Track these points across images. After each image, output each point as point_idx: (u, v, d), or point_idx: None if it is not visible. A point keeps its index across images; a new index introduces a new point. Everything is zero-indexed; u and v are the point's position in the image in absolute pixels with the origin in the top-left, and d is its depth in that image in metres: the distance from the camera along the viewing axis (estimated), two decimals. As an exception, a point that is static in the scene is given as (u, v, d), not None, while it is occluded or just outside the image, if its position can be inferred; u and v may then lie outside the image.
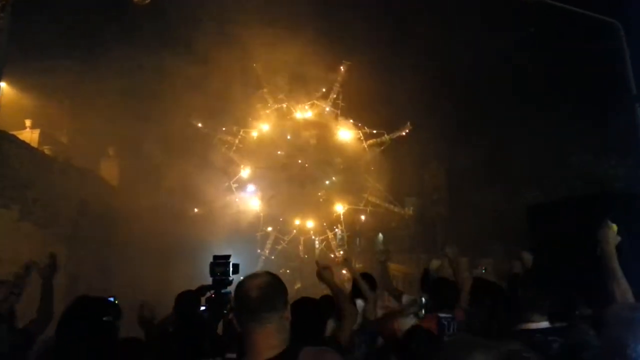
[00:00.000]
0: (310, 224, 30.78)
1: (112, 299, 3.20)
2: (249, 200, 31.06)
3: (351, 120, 32.12)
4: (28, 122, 22.41)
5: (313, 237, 30.81)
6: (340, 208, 31.03)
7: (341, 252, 29.05)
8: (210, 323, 3.58)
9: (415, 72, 29.12)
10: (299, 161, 31.17)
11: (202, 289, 4.01)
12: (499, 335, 3.44)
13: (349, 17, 28.25)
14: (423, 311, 4.79)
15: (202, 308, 3.93)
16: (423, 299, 5.21)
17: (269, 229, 30.63)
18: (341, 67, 31.48)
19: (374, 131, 31.67)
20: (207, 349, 3.28)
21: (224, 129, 31.10)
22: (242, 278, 2.27)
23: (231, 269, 3.85)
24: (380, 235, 33.14)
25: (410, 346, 2.73)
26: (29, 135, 21.86)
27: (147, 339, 3.08)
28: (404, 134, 31.47)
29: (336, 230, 30.76)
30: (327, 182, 31.59)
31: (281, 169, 30.60)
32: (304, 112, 32.22)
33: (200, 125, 30.27)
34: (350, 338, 3.59)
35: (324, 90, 32.02)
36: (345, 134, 32.15)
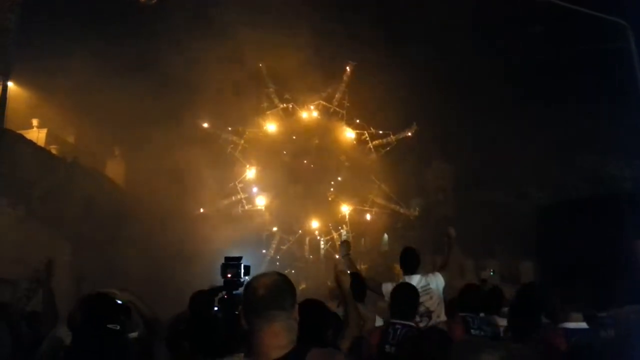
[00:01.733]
0: (315, 224, 30.77)
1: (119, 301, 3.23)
2: (255, 200, 31.08)
3: (357, 121, 32.11)
4: (35, 122, 22.54)
5: (318, 237, 30.80)
6: (345, 208, 31.01)
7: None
8: (223, 324, 3.61)
9: (422, 72, 29.12)
10: (305, 161, 31.18)
11: (215, 289, 4.04)
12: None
13: (355, 17, 28.28)
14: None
15: (215, 309, 3.96)
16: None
17: (274, 229, 30.64)
18: (347, 68, 31.44)
19: (380, 132, 31.65)
20: (218, 349, 3.30)
21: (229, 128, 31.14)
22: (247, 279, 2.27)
23: (242, 270, 3.87)
24: (386, 235, 33.10)
25: (422, 346, 2.73)
26: (36, 134, 21.99)
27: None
28: (409, 134, 31.43)
29: (341, 230, 30.74)
30: (332, 183, 31.57)
31: (287, 169, 30.60)
32: (309, 113, 32.22)
33: (206, 125, 30.30)
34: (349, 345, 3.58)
35: (329, 90, 31.99)
36: (351, 134, 32.15)
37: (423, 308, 5.01)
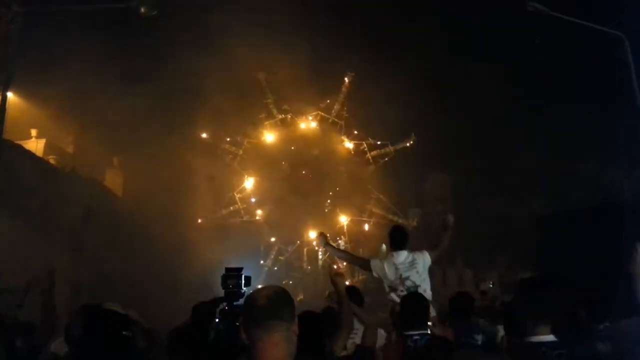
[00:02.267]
0: (313, 234, 30.71)
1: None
2: (253, 211, 31.05)
3: (355, 132, 32.19)
4: (34, 132, 22.52)
5: (316, 247, 30.72)
6: (344, 219, 30.99)
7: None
8: (224, 334, 3.62)
9: (420, 82, 29.26)
10: (303, 172, 31.20)
11: (217, 300, 4.06)
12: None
13: (353, 28, 28.46)
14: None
15: (216, 320, 3.98)
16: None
17: (273, 239, 30.58)
18: (345, 79, 31.56)
19: (378, 142, 31.71)
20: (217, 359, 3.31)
21: (228, 139, 31.19)
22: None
23: (243, 281, 3.88)
24: (384, 245, 33.01)
25: (429, 354, 2.75)
26: (35, 145, 21.97)
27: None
28: (408, 144, 31.48)
29: (339, 241, 30.66)
30: (330, 193, 31.56)
31: (285, 180, 30.61)
32: (308, 123, 32.30)
33: (205, 135, 30.36)
34: (344, 349, 3.60)
35: (328, 101, 32.10)
36: (349, 145, 32.21)
37: (410, 282, 5.24)
